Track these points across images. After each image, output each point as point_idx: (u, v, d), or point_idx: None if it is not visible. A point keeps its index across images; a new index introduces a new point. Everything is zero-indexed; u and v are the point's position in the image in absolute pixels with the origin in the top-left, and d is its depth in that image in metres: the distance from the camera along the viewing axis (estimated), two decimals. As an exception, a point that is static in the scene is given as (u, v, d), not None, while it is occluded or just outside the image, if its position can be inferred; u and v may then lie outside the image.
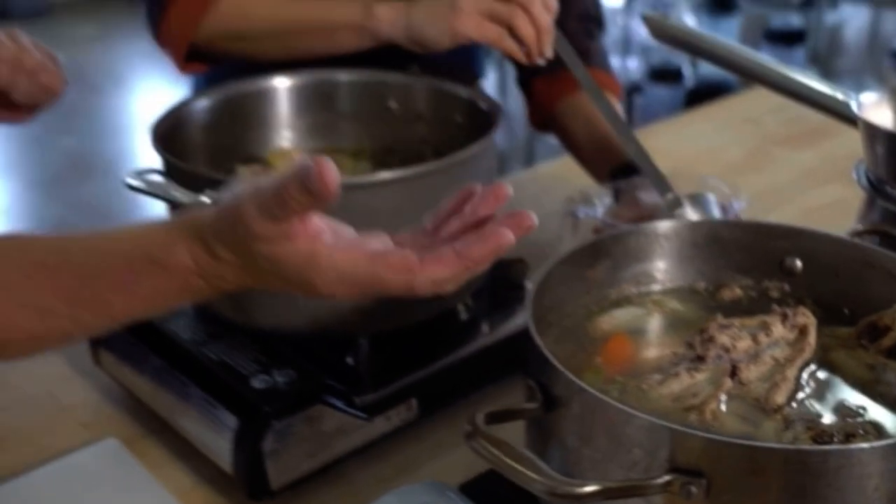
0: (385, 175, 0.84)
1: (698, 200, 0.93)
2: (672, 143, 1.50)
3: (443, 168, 0.84)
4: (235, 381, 0.82)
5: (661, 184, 0.95)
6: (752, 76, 0.94)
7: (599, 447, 0.56)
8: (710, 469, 0.53)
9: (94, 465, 0.88)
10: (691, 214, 0.91)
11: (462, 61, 1.27)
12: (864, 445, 0.55)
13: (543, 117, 1.27)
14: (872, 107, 0.83)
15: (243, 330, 0.87)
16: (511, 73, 1.36)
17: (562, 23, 1.13)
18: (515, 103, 1.75)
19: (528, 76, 1.27)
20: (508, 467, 0.53)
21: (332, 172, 0.54)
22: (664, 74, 3.71)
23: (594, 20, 1.27)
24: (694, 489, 0.53)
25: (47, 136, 4.04)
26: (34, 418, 0.96)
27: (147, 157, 0.88)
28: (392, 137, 1.02)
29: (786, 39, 3.80)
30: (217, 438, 0.81)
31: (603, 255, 0.74)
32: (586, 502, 0.51)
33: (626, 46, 3.83)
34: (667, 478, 0.53)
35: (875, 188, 0.84)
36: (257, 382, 0.82)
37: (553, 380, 0.59)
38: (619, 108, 1.21)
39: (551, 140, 1.34)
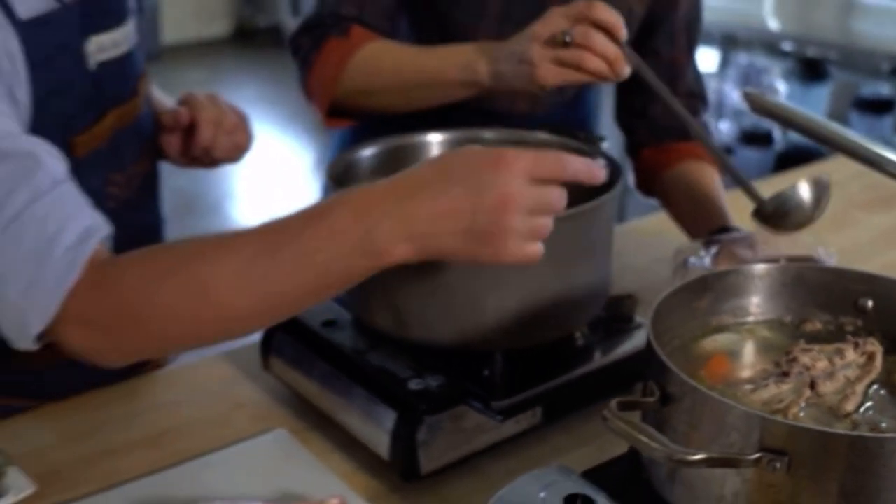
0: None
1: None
2: (762, 203, 1.66)
3: (569, 217, 1.01)
4: (394, 384, 1.00)
5: (752, 192, 1.12)
6: (837, 147, 1.10)
7: (704, 432, 0.72)
8: (791, 449, 0.68)
9: (265, 451, 1.06)
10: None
11: (580, 123, 1.45)
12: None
13: (649, 183, 1.45)
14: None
15: (398, 342, 1.05)
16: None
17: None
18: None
19: (637, 146, 1.46)
20: (637, 439, 0.69)
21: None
22: (755, 138, 3.85)
23: (698, 97, 1.44)
24: (778, 465, 0.68)
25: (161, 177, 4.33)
26: (212, 411, 1.14)
27: (247, 197, 1.06)
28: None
29: (875, 108, 3.91)
30: (377, 431, 0.99)
31: (707, 290, 0.90)
32: (694, 467, 0.68)
33: (719, 109, 3.97)
34: (757, 455, 0.69)
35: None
36: (413, 385, 0.99)
37: (669, 380, 0.75)
38: (717, 178, 1.37)
39: (640, 199, 1.51)
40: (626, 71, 1.13)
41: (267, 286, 0.82)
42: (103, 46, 1.05)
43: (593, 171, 0.85)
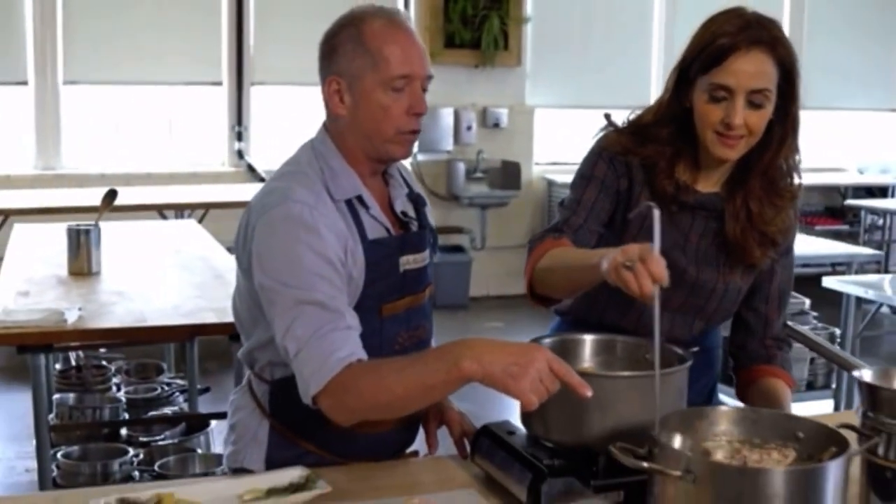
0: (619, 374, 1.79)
1: None
2: None
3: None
4: (536, 462, 1.76)
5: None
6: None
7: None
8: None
9: (460, 496, 1.82)
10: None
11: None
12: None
13: (743, 393, 2.17)
14: None
15: (547, 442, 1.81)
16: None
17: (759, 340, 2.07)
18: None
19: (737, 368, 2.18)
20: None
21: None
22: None
23: (783, 341, 2.15)
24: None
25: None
26: (440, 479, 1.92)
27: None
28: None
29: None
30: (521, 487, 1.74)
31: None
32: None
33: None
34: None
35: None
36: (545, 462, 1.74)
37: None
38: (787, 391, 2.06)
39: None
40: (652, 293, 1.63)
41: (409, 384, 1.70)
42: (409, 262, 1.96)
43: (579, 389, 1.64)
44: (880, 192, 9.09)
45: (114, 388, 4.49)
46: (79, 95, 7.30)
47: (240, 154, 7.67)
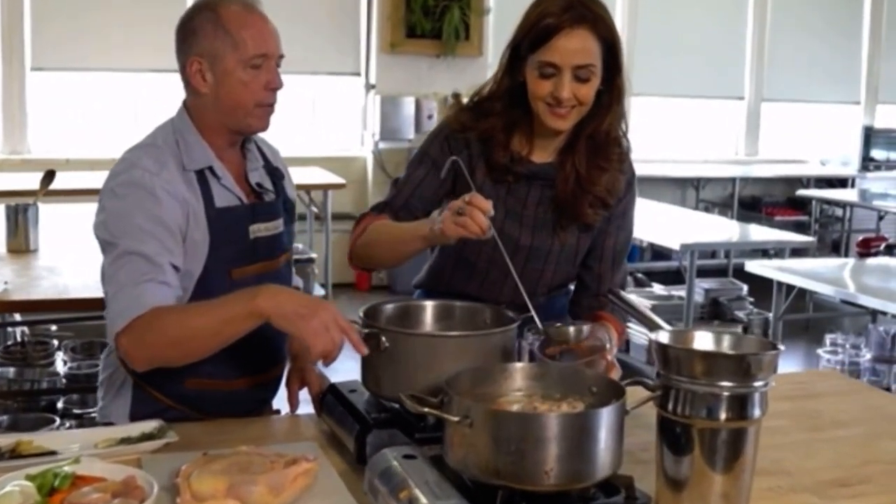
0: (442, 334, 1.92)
1: None
2: None
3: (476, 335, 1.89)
4: (364, 415, 1.89)
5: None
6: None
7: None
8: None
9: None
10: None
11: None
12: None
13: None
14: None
15: (377, 397, 1.94)
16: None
17: (593, 295, 2.20)
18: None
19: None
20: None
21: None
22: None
23: (614, 294, 2.27)
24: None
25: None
26: (285, 433, 2.06)
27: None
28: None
29: None
30: (349, 438, 1.88)
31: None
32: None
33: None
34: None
35: None
36: (373, 416, 1.88)
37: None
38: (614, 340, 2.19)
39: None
40: (490, 231, 1.86)
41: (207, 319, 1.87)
42: (260, 229, 2.10)
43: (357, 347, 1.83)
44: (840, 183, 9.22)
45: (59, 364, 4.62)
46: (45, 82, 7.41)
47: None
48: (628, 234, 2.34)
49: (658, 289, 6.03)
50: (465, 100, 2.28)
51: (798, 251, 5.97)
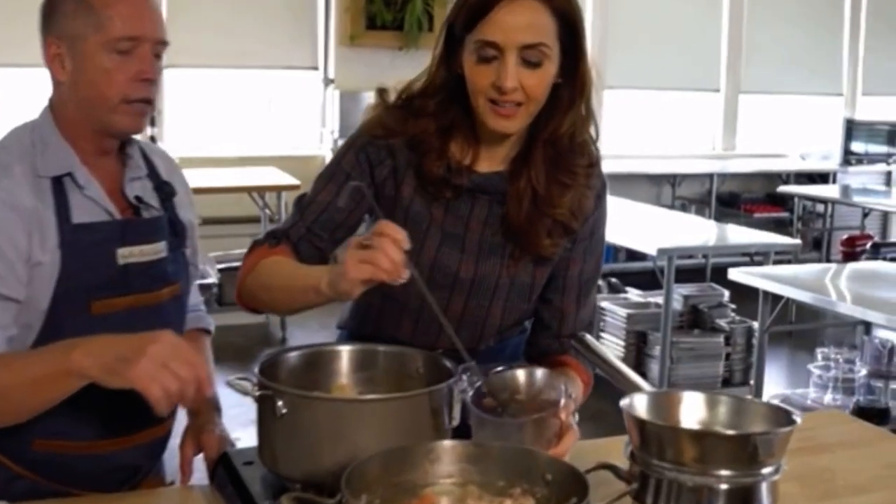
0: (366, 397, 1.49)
1: None
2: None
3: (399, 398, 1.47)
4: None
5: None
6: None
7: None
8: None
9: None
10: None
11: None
12: None
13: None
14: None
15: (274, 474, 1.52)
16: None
17: (554, 336, 1.77)
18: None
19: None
20: None
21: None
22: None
23: (577, 338, 1.82)
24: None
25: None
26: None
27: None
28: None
29: None
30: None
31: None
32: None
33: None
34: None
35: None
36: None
37: None
38: (579, 386, 1.77)
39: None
40: (405, 274, 1.43)
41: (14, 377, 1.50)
42: (132, 253, 1.67)
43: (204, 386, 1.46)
44: (821, 178, 8.85)
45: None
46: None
47: (153, 140, 7.32)
48: (598, 258, 1.89)
49: (634, 294, 5.63)
50: (392, 97, 1.79)
51: (781, 251, 5.57)
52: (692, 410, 1.32)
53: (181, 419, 1.84)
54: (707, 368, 5.07)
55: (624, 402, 1.29)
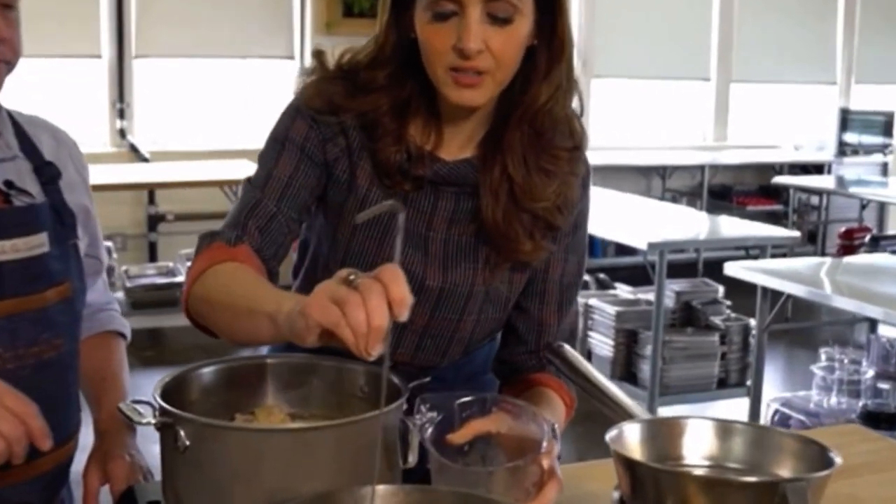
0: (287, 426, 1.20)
1: None
2: None
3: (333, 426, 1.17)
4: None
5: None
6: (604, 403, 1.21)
7: None
8: None
9: None
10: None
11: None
12: None
13: None
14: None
15: None
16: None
17: (530, 351, 1.47)
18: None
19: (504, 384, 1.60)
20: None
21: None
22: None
23: (553, 351, 1.53)
24: None
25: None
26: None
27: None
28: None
29: None
30: None
31: None
32: None
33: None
34: None
35: None
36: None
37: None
38: (561, 419, 1.47)
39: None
40: (376, 350, 1.04)
41: None
42: (3, 249, 1.36)
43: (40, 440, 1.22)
44: (816, 170, 8.58)
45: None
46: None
47: (122, 133, 7.03)
48: (581, 258, 1.58)
49: (623, 291, 5.33)
50: (330, 62, 1.48)
51: (777, 245, 5.29)
52: (699, 444, 1.03)
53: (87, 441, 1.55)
54: (701, 369, 4.78)
55: (611, 436, 1.00)
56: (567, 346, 1.44)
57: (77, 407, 1.54)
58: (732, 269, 4.12)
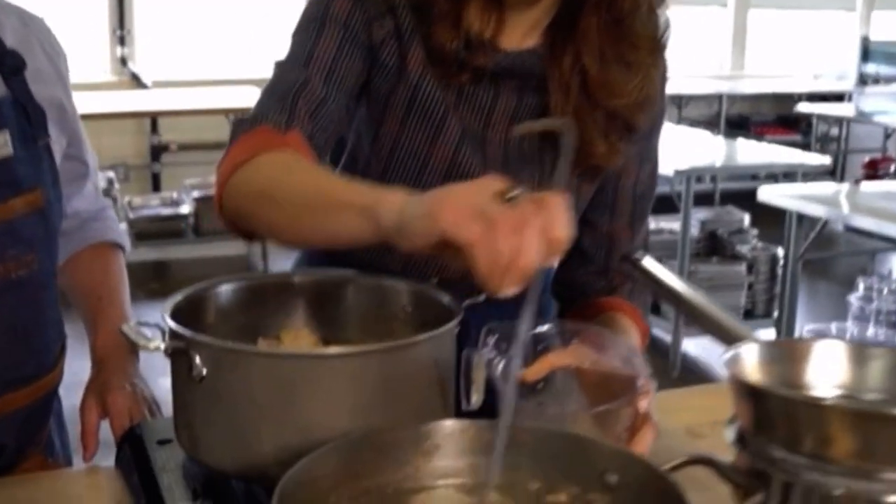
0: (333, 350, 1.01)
1: None
2: None
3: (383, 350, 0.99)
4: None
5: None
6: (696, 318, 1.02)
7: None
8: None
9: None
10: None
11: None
12: None
13: None
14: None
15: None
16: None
17: (599, 270, 1.28)
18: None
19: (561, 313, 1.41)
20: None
21: None
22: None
23: (632, 274, 1.35)
24: None
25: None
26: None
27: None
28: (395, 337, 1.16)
29: None
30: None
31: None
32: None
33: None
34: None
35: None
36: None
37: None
38: (636, 350, 1.27)
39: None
40: (509, 291, 0.85)
41: None
42: None
43: None
44: (836, 99, 8.32)
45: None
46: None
47: (123, 61, 6.79)
48: (655, 165, 1.38)
49: (645, 221, 5.14)
50: None
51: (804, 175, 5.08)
52: (830, 370, 0.85)
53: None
54: (727, 299, 4.61)
55: (727, 360, 0.82)
56: (650, 258, 1.24)
57: (58, 334, 1.34)
58: (767, 193, 3.91)
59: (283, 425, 0.95)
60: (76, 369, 1.44)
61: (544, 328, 1.08)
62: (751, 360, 0.84)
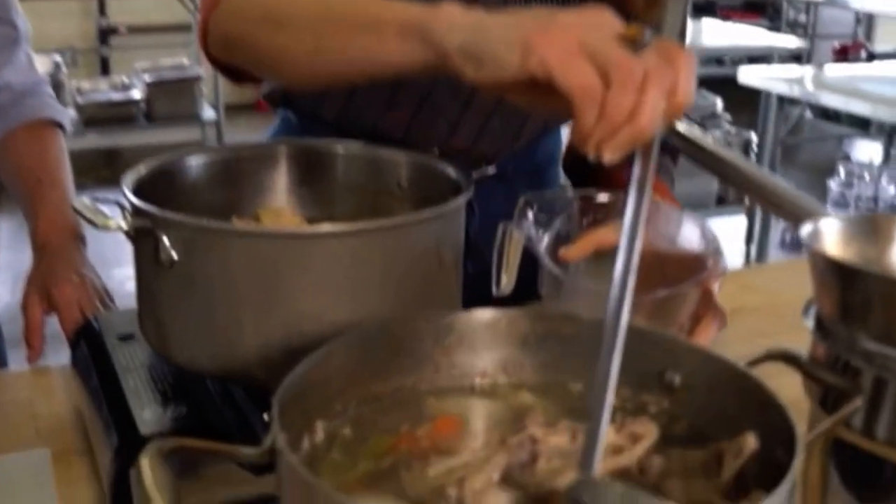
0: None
1: None
2: None
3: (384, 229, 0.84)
4: (132, 408, 0.85)
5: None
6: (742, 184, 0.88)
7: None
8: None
9: (11, 471, 0.92)
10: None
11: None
12: None
13: None
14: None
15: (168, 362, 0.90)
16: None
17: None
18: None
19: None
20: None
21: None
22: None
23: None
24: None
25: None
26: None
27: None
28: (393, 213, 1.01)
29: None
30: (105, 460, 0.83)
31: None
32: None
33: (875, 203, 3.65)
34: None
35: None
36: (147, 413, 0.84)
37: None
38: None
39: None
40: (614, 156, 0.71)
41: None
42: None
43: None
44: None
45: None
46: None
47: None
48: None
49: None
50: None
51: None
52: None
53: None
54: (700, 185, 4.49)
55: (807, 234, 0.68)
56: (683, 123, 1.08)
57: None
58: (746, 76, 3.77)
59: (268, 316, 0.80)
60: (11, 261, 1.28)
61: (591, 195, 0.93)
62: (834, 237, 0.70)
